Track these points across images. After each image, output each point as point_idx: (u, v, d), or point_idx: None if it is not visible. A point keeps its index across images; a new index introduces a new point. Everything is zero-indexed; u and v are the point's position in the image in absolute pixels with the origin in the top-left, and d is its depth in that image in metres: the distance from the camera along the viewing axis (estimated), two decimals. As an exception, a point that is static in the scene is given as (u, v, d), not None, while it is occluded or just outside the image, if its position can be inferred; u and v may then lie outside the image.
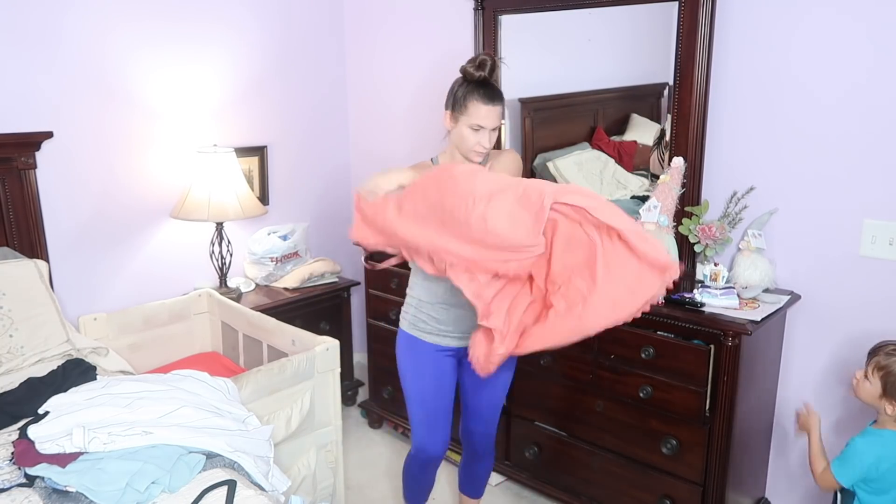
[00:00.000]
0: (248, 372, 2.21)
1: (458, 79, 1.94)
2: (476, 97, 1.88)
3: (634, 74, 2.66)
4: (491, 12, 2.82)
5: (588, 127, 2.84)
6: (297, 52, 3.33)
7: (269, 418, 2.17)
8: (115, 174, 2.78)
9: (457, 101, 1.92)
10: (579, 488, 2.48)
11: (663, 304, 2.19)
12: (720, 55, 2.31)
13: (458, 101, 1.91)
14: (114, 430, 1.62)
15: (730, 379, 2.05)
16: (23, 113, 2.50)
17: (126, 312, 2.72)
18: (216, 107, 3.06)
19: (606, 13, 2.57)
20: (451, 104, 1.94)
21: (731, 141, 2.36)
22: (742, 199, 2.31)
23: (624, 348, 2.24)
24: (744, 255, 2.23)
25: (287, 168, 3.38)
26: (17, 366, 2.16)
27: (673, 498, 2.23)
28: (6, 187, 2.46)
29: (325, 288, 3.16)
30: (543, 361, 2.44)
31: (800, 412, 2.08)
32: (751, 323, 2.03)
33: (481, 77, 1.89)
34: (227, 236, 2.97)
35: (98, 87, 2.68)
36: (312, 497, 2.35)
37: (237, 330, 2.81)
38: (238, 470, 1.70)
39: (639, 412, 2.26)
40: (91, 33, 2.63)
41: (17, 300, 2.25)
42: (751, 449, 2.29)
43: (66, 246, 2.68)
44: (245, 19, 3.10)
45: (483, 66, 1.88)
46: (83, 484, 1.52)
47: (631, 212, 2.56)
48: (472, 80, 1.89)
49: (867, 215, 2.13)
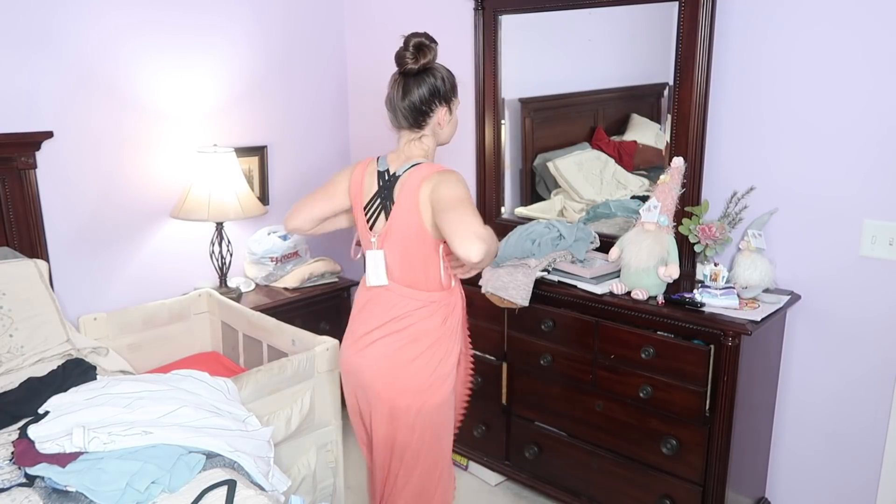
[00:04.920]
0: (248, 372, 2.21)
1: (441, 66, 1.86)
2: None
3: (634, 74, 2.66)
4: (491, 12, 2.82)
5: (588, 127, 2.84)
6: (297, 52, 3.33)
7: (269, 418, 2.17)
8: (115, 174, 2.78)
9: (455, 87, 1.88)
10: (579, 488, 2.48)
11: (663, 304, 2.19)
12: (720, 55, 2.31)
13: (456, 87, 1.88)
14: (114, 430, 1.62)
15: (730, 379, 2.05)
16: (23, 113, 2.50)
17: (126, 312, 2.72)
18: (216, 107, 3.06)
19: (606, 13, 2.57)
20: (455, 92, 1.88)
21: (731, 141, 2.36)
22: (742, 199, 2.31)
23: (624, 348, 2.25)
24: (744, 255, 2.23)
25: (287, 168, 3.38)
26: (17, 366, 2.16)
27: (673, 498, 2.23)
28: (6, 187, 2.46)
29: (325, 288, 3.16)
30: (543, 361, 2.44)
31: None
32: (751, 323, 2.03)
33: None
34: (227, 236, 2.97)
35: (98, 87, 2.68)
36: (312, 497, 2.35)
37: (237, 330, 2.81)
38: (238, 470, 1.70)
39: (639, 412, 2.26)
40: (91, 33, 2.63)
41: (17, 300, 2.25)
42: (751, 449, 2.29)
43: (66, 246, 2.68)
44: (245, 19, 3.10)
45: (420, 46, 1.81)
46: (83, 484, 1.52)
47: (631, 212, 2.57)
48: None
49: (867, 215, 2.13)
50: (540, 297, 2.40)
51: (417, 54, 1.79)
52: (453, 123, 1.91)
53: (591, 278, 2.35)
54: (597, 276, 2.35)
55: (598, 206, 2.71)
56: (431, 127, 1.86)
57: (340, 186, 1.97)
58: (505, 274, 2.42)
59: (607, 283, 2.33)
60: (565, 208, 2.86)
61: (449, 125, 1.89)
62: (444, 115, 1.86)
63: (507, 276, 2.40)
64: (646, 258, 2.23)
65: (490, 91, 2.89)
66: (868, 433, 2.23)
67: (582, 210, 2.78)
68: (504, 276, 2.41)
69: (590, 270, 2.36)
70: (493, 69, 2.87)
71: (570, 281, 2.39)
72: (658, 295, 2.24)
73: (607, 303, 2.28)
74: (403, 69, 1.81)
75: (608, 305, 2.28)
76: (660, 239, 2.24)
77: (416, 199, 1.78)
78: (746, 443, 2.24)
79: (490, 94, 2.89)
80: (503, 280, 2.41)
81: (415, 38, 1.79)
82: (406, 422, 1.91)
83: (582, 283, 2.36)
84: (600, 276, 2.36)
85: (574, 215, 2.80)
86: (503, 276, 2.41)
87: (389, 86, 1.85)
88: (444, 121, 1.87)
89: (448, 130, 1.91)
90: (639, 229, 2.31)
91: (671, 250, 2.25)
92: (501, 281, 2.41)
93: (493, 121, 2.92)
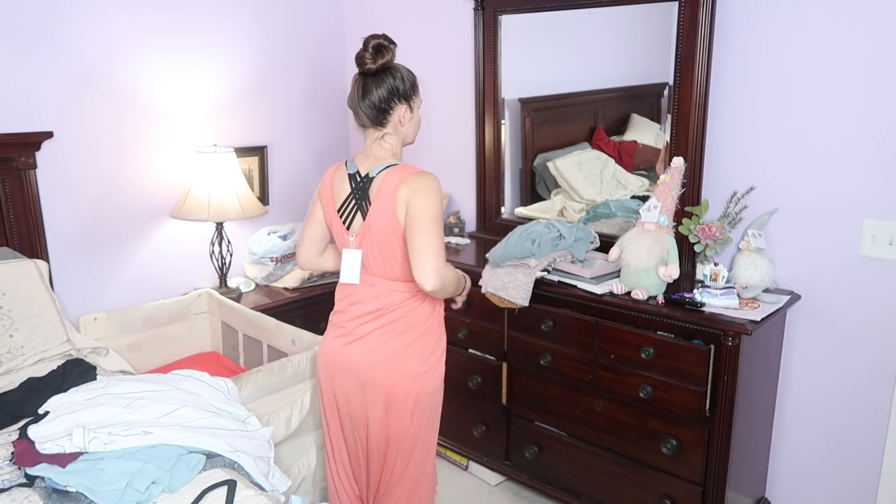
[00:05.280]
0: (248, 372, 2.21)
1: (402, 66, 1.90)
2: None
3: (634, 74, 2.67)
4: (491, 12, 2.82)
5: (588, 127, 2.84)
6: (297, 52, 3.33)
7: (269, 418, 2.17)
8: (115, 174, 2.78)
9: (415, 86, 1.92)
10: (579, 488, 2.48)
11: (663, 304, 2.19)
12: (720, 55, 2.31)
13: (416, 86, 1.92)
14: (114, 430, 1.62)
15: (730, 379, 2.05)
16: (23, 113, 2.50)
17: (126, 312, 2.72)
18: (216, 107, 3.06)
19: (606, 13, 2.57)
20: (416, 90, 1.92)
21: (731, 141, 2.36)
22: (742, 199, 2.31)
23: (624, 348, 2.25)
24: (744, 255, 2.23)
25: (287, 168, 3.38)
26: (17, 366, 2.17)
27: (673, 498, 2.23)
28: (6, 187, 2.46)
29: (325, 288, 3.16)
30: (543, 361, 2.44)
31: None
32: (751, 323, 2.03)
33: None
34: (227, 236, 2.97)
35: (98, 87, 2.68)
36: (312, 497, 2.35)
37: (237, 330, 2.81)
38: (238, 470, 1.70)
39: (639, 412, 2.26)
40: (91, 33, 2.63)
41: (17, 300, 2.25)
42: (751, 449, 2.29)
43: (66, 246, 2.68)
44: (245, 19, 3.10)
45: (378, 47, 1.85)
46: (83, 484, 1.52)
47: (631, 212, 2.57)
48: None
49: (867, 215, 2.13)
50: (540, 297, 2.40)
51: (376, 55, 1.85)
52: (415, 122, 1.95)
53: (591, 278, 2.35)
54: (597, 276, 2.35)
55: (598, 206, 2.71)
56: (393, 125, 1.90)
57: (318, 205, 2.04)
58: (505, 274, 2.42)
59: (607, 283, 2.33)
60: (565, 208, 2.86)
61: (411, 123, 1.94)
62: (405, 112, 1.90)
63: (507, 276, 2.40)
64: (646, 258, 2.23)
65: (490, 91, 2.89)
66: (868, 433, 2.23)
67: (582, 210, 2.78)
68: (504, 276, 2.41)
69: (590, 270, 2.36)
70: (492, 69, 2.87)
71: (570, 281, 2.39)
72: (658, 295, 2.24)
73: (607, 303, 2.28)
74: (363, 69, 1.88)
75: (608, 305, 2.28)
76: (660, 239, 2.24)
77: (393, 201, 1.83)
78: (746, 443, 2.24)
79: (490, 94, 2.89)
80: (503, 280, 2.41)
81: (374, 40, 1.86)
82: (405, 409, 1.96)
83: (582, 283, 2.36)
84: (600, 276, 2.36)
85: (574, 215, 2.80)
86: (503, 276, 2.41)
87: (351, 86, 1.93)
88: (404, 118, 1.91)
89: (410, 128, 1.95)
90: (639, 229, 2.30)
91: (671, 250, 2.25)
92: (501, 281, 2.41)
93: (493, 121, 2.92)
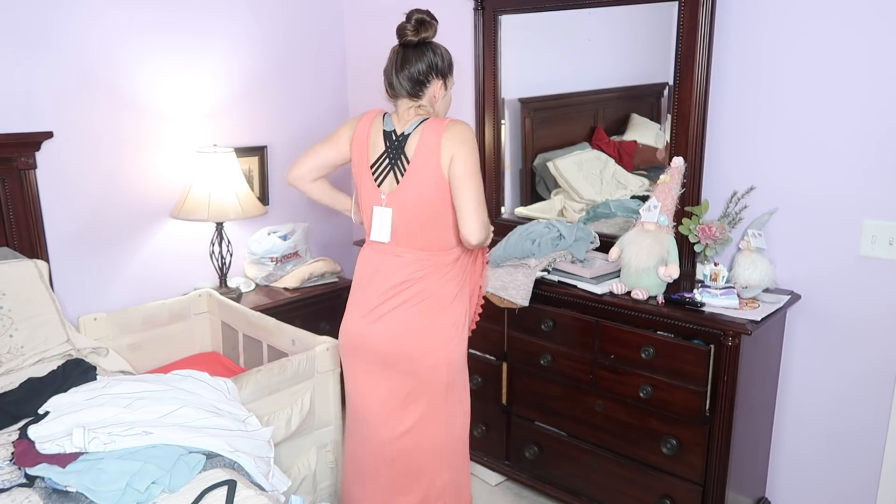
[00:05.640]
0: (248, 372, 2.21)
1: (441, 45, 1.94)
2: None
3: (634, 74, 2.67)
4: (491, 12, 2.82)
5: (588, 127, 2.84)
6: (297, 52, 3.33)
7: (269, 418, 2.17)
8: (115, 174, 2.78)
9: (452, 66, 1.96)
10: (579, 488, 2.48)
11: (663, 304, 2.19)
12: (720, 55, 2.31)
13: (452, 66, 1.96)
14: (114, 430, 1.62)
15: (730, 379, 2.05)
16: (23, 113, 2.50)
17: (126, 312, 2.72)
18: (216, 107, 3.06)
19: (606, 13, 2.57)
20: (452, 70, 1.96)
21: (731, 141, 2.36)
22: (742, 199, 2.31)
23: (624, 348, 2.25)
24: (744, 255, 2.23)
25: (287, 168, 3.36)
26: (17, 366, 2.16)
27: (673, 498, 2.23)
28: (6, 187, 2.46)
29: (325, 288, 3.16)
30: (543, 361, 2.44)
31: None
32: (751, 323, 2.03)
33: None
34: (227, 236, 2.97)
35: (98, 88, 2.68)
36: (312, 497, 2.35)
37: (237, 330, 2.81)
38: (238, 470, 1.70)
39: (639, 412, 2.26)
40: (91, 33, 2.63)
41: (17, 300, 2.25)
42: (751, 449, 2.29)
43: (66, 246, 2.68)
44: (245, 19, 3.10)
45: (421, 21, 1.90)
46: (83, 484, 1.52)
47: (631, 212, 2.57)
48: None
49: (867, 215, 2.13)
50: (540, 297, 2.40)
51: (419, 28, 1.88)
52: (447, 100, 1.99)
53: (591, 278, 2.35)
54: (597, 275, 2.35)
55: (598, 206, 2.71)
56: (428, 98, 1.93)
57: (344, 137, 2.04)
58: (505, 274, 2.42)
59: (607, 283, 2.33)
60: (565, 208, 2.86)
61: (443, 100, 1.97)
62: (440, 88, 1.94)
63: (507, 276, 2.41)
64: (646, 258, 2.23)
65: (490, 91, 2.89)
66: (868, 433, 2.23)
67: (582, 210, 2.78)
68: (504, 276, 2.41)
69: (590, 270, 2.36)
70: (492, 69, 2.87)
71: (570, 281, 2.39)
72: (658, 295, 2.24)
73: (607, 303, 2.28)
74: (403, 41, 1.90)
75: (608, 305, 2.28)
76: (660, 239, 2.24)
77: (437, 154, 1.84)
78: (746, 443, 2.24)
79: (490, 94, 2.89)
80: (503, 280, 2.41)
81: (417, 14, 1.90)
82: (439, 380, 1.98)
83: (582, 283, 2.36)
84: (600, 275, 2.36)
85: (574, 215, 2.80)
86: (503, 276, 2.41)
87: (388, 58, 1.94)
88: (439, 94, 1.94)
89: (442, 106, 1.98)
90: (639, 229, 2.31)
91: (671, 250, 2.25)
92: (501, 281, 2.41)
93: (493, 121, 2.92)
